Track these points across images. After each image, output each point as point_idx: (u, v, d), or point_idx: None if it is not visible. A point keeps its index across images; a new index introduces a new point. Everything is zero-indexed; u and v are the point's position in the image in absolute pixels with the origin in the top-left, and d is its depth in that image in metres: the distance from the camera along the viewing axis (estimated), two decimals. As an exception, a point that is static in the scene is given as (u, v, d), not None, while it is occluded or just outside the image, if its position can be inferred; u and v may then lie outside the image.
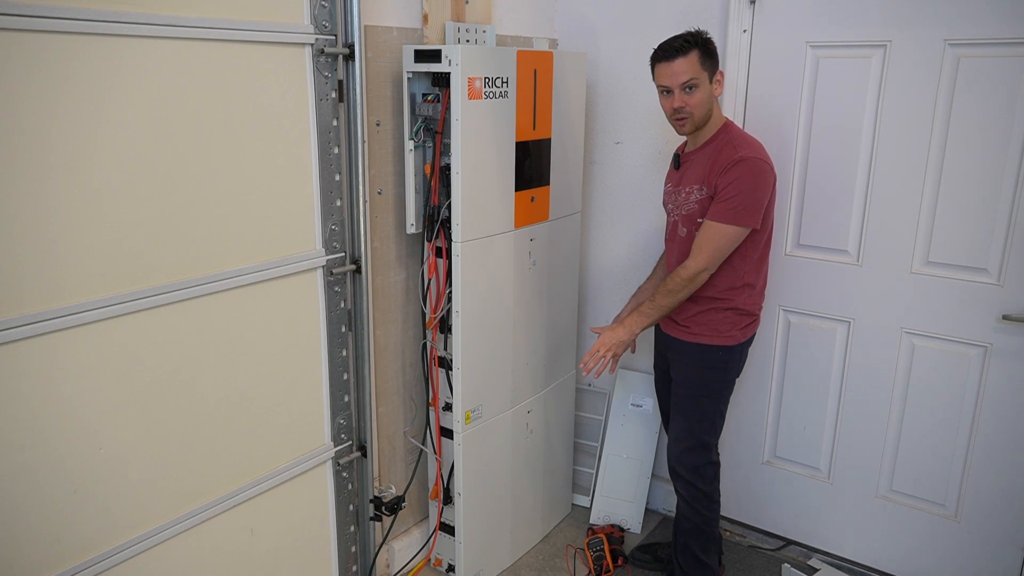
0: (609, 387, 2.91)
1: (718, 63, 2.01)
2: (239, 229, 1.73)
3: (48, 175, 1.37)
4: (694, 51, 1.94)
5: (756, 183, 1.96)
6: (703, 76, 1.96)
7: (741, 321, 2.11)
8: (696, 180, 2.04)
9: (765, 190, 1.99)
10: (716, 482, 2.23)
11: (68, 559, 1.52)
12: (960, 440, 2.25)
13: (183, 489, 1.72)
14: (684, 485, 2.22)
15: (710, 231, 1.99)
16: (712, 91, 1.99)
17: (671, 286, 2.04)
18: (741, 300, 2.09)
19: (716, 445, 2.22)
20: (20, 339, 1.37)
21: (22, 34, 1.30)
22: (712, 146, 2.04)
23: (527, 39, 2.59)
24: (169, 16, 1.50)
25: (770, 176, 2.00)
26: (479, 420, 2.28)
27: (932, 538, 2.35)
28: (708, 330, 2.10)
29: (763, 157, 1.99)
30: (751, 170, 1.96)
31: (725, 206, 1.96)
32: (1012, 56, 1.99)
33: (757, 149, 2.01)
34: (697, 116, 2.00)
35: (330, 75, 1.87)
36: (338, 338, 2.03)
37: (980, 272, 2.14)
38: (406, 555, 2.45)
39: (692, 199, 2.05)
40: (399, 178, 2.20)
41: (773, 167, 2.01)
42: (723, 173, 1.97)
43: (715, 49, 2.00)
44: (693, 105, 1.97)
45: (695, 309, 2.11)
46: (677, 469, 2.22)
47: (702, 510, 2.21)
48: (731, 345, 2.11)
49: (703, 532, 2.24)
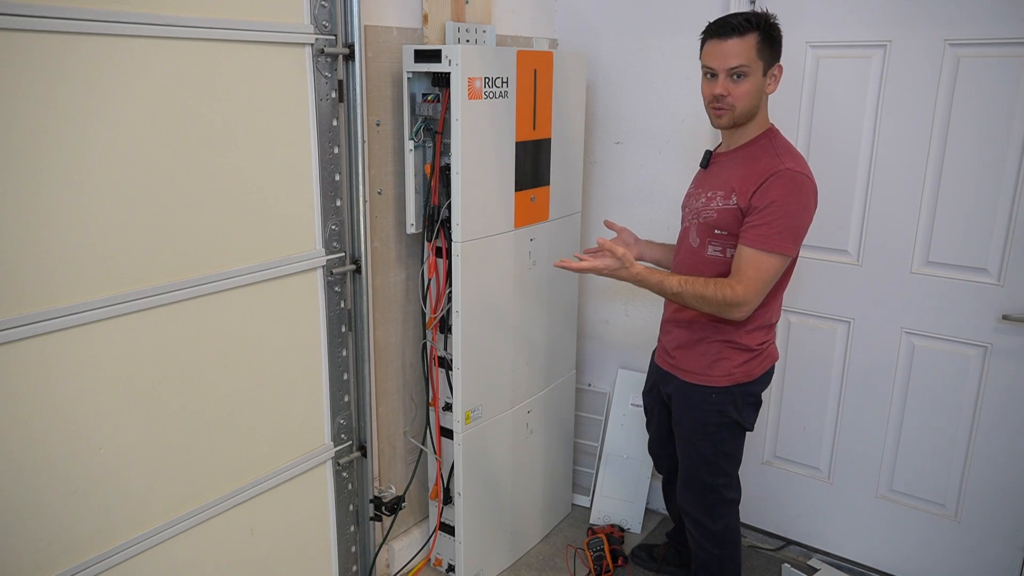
0: (609, 387, 2.91)
1: (779, 55, 1.76)
2: (239, 229, 1.73)
3: (47, 175, 1.37)
4: (753, 34, 1.69)
5: (800, 202, 1.71)
6: (757, 66, 1.71)
7: (737, 358, 1.86)
8: (722, 186, 1.80)
9: (809, 211, 1.73)
10: (727, 520, 2.02)
11: (68, 559, 1.52)
12: (960, 440, 2.25)
13: (183, 489, 1.72)
14: (690, 520, 2.08)
15: (752, 260, 1.71)
16: (764, 85, 1.75)
17: (708, 294, 1.73)
18: (738, 334, 1.84)
19: (729, 484, 2.00)
20: (19, 339, 1.37)
21: (21, 34, 1.30)
22: (750, 150, 1.80)
23: (527, 39, 2.59)
24: (168, 16, 1.50)
25: (814, 195, 1.74)
26: (479, 420, 2.28)
27: (932, 538, 2.35)
28: (698, 367, 1.90)
29: (808, 173, 1.74)
30: (796, 186, 1.70)
31: (767, 230, 1.69)
32: (1012, 56, 1.99)
33: (802, 163, 1.75)
34: (739, 109, 1.75)
35: (330, 75, 1.86)
36: (338, 338, 2.03)
37: (980, 272, 2.14)
38: (406, 555, 2.45)
39: (713, 206, 1.81)
40: (399, 178, 2.20)
41: (816, 187, 1.75)
42: (762, 186, 1.71)
43: (780, 37, 1.75)
44: (737, 96, 1.73)
45: (685, 338, 1.92)
46: (682, 503, 2.08)
47: (711, 548, 2.04)
48: (725, 387, 1.87)
49: (713, 570, 2.07)
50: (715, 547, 2.05)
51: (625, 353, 2.86)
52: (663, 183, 2.63)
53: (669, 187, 2.61)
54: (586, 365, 2.96)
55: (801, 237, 1.76)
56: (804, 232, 1.76)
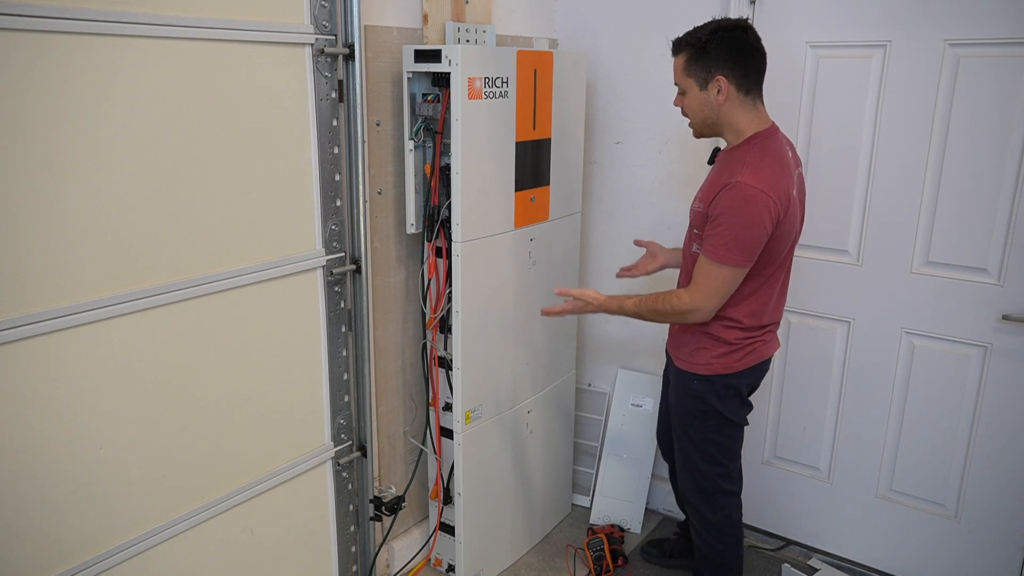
0: (609, 387, 2.91)
1: (721, 66, 1.76)
2: (239, 229, 1.73)
3: (47, 175, 1.37)
4: (682, 54, 1.81)
5: (746, 216, 1.71)
6: (687, 83, 1.81)
7: (715, 348, 1.91)
8: (704, 189, 1.87)
9: (759, 225, 1.71)
10: (727, 511, 2.06)
11: (68, 559, 1.52)
12: (960, 440, 2.25)
13: (183, 489, 1.72)
14: (691, 510, 2.13)
15: (703, 268, 1.80)
16: (707, 98, 1.80)
17: (660, 307, 1.87)
18: (716, 327, 1.90)
19: (726, 474, 2.04)
20: (20, 339, 1.37)
21: (21, 34, 1.30)
22: (730, 155, 1.84)
23: (527, 39, 2.59)
24: (169, 16, 1.50)
25: (766, 210, 1.71)
26: (479, 420, 2.28)
27: (932, 538, 2.35)
28: (685, 354, 1.98)
29: (761, 187, 1.71)
30: (743, 200, 1.71)
31: (715, 240, 1.75)
32: (1012, 56, 1.99)
33: (763, 176, 1.72)
34: (692, 121, 1.87)
35: (330, 75, 1.86)
36: (338, 338, 2.03)
37: (980, 272, 2.14)
38: (406, 555, 2.45)
39: (695, 207, 1.90)
40: (399, 178, 2.20)
41: (779, 201, 1.73)
42: (716, 196, 1.76)
43: (717, 49, 1.75)
44: (685, 109, 1.87)
45: (675, 328, 2.04)
46: (684, 493, 2.13)
47: (712, 540, 2.08)
48: (706, 375, 1.93)
49: (715, 563, 2.11)
50: (715, 539, 2.08)
51: (625, 353, 2.86)
52: (663, 183, 2.63)
53: (669, 187, 2.61)
54: (586, 365, 2.96)
55: (752, 250, 1.75)
56: (756, 245, 1.75)
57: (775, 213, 1.73)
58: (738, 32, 1.77)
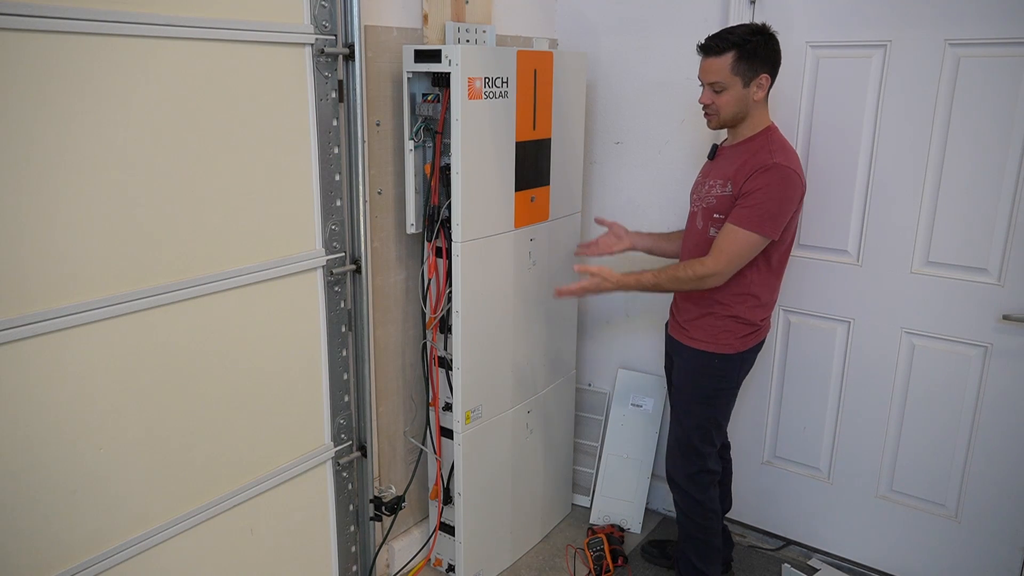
0: (609, 387, 2.91)
1: (765, 65, 1.92)
2: (239, 229, 1.73)
3: (49, 175, 1.37)
4: (730, 53, 1.89)
5: (784, 192, 1.90)
6: (733, 81, 1.91)
7: (740, 330, 2.06)
8: (723, 175, 2.00)
9: (791, 201, 1.93)
10: (711, 490, 2.19)
11: (68, 559, 1.52)
12: (960, 440, 2.25)
13: (183, 489, 1.72)
14: (679, 492, 2.22)
15: (730, 235, 1.93)
16: (747, 94, 1.93)
17: (681, 275, 1.99)
18: (742, 309, 2.04)
19: (712, 455, 2.18)
20: (20, 339, 1.37)
21: (22, 34, 1.30)
22: (749, 146, 1.98)
23: (527, 39, 2.59)
24: (169, 16, 1.50)
25: (798, 188, 1.94)
26: (479, 420, 2.28)
27: (932, 538, 2.35)
28: (706, 336, 2.08)
29: (795, 168, 1.93)
30: (781, 178, 1.90)
31: (749, 212, 1.90)
32: (1012, 56, 1.99)
33: (792, 159, 1.95)
34: (723, 116, 1.97)
35: (330, 75, 1.86)
36: (338, 338, 2.03)
37: (980, 272, 2.14)
38: (406, 555, 2.45)
39: (713, 193, 2.01)
40: (399, 178, 2.20)
41: (804, 181, 1.96)
42: (752, 176, 1.91)
43: (763, 50, 1.90)
44: (720, 105, 1.95)
45: (695, 312, 2.09)
46: (672, 475, 2.22)
47: (697, 519, 2.20)
48: (728, 354, 2.07)
49: (699, 541, 2.22)
50: (700, 517, 2.20)
51: (625, 353, 2.86)
52: (663, 183, 2.63)
53: (669, 187, 2.61)
54: (586, 365, 2.96)
55: (780, 223, 1.92)
56: (783, 219, 1.93)
57: (801, 192, 1.96)
58: (772, 36, 1.93)
